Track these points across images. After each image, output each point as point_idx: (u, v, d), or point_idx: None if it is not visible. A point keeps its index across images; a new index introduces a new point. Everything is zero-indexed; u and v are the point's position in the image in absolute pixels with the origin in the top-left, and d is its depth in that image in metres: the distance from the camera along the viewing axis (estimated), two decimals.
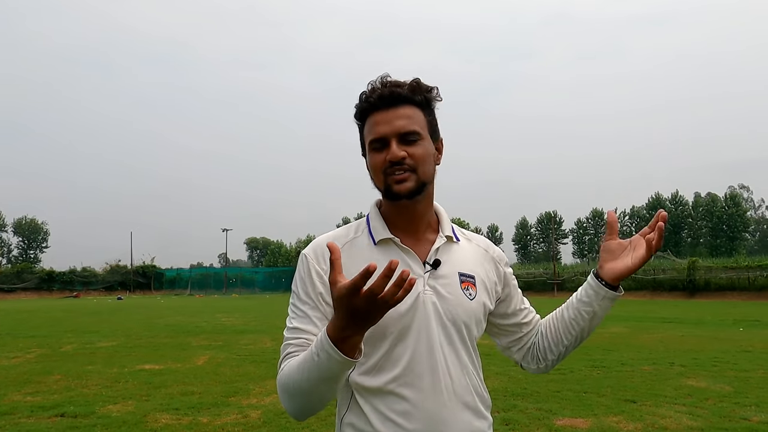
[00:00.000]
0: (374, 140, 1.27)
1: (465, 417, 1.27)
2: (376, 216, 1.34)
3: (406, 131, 1.25)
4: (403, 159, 1.24)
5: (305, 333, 1.24)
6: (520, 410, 5.60)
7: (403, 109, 1.27)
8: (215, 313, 21.64)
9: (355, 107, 1.31)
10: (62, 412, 5.68)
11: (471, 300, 1.31)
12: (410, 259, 1.30)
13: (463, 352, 1.30)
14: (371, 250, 1.30)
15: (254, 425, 5.22)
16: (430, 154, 1.30)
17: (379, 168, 1.27)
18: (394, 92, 1.26)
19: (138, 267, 57.63)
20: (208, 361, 8.99)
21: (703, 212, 73.82)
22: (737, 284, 34.13)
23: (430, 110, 1.31)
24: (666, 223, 1.30)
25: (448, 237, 1.35)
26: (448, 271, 1.31)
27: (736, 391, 6.42)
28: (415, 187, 1.26)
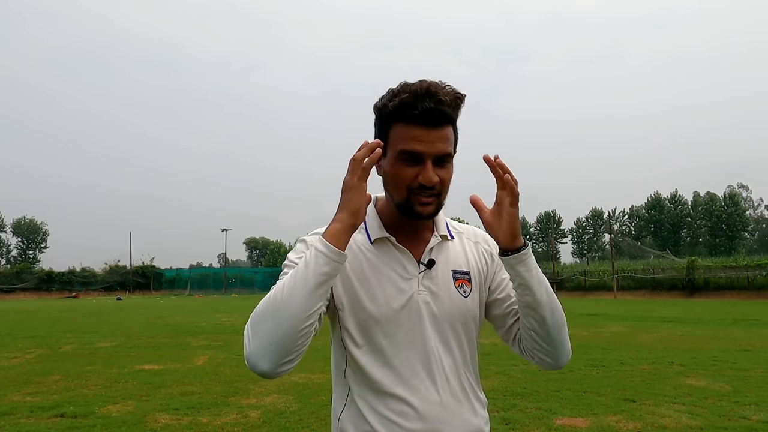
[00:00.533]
0: (408, 153, 1.21)
1: (462, 416, 1.27)
2: (373, 214, 1.34)
3: (443, 153, 1.22)
4: (435, 185, 1.22)
5: None
6: (520, 409, 5.61)
7: (446, 129, 1.22)
8: (215, 313, 21.63)
9: (388, 106, 1.23)
10: (62, 413, 5.68)
11: (465, 297, 1.31)
12: (405, 258, 1.30)
13: (457, 351, 1.30)
14: (367, 249, 1.30)
15: (254, 425, 5.22)
16: (451, 175, 1.27)
17: (405, 183, 1.22)
18: (442, 112, 1.20)
19: (137, 267, 57.64)
20: (208, 361, 9.00)
21: (702, 212, 73.85)
22: (736, 283, 34.20)
23: (456, 129, 1.28)
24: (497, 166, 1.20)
25: (443, 236, 1.35)
26: (442, 270, 1.31)
27: (736, 390, 6.43)
28: (434, 210, 1.26)
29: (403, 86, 1.22)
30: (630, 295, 37.05)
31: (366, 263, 1.29)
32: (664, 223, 74.19)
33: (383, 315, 1.25)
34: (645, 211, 76.77)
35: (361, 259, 1.30)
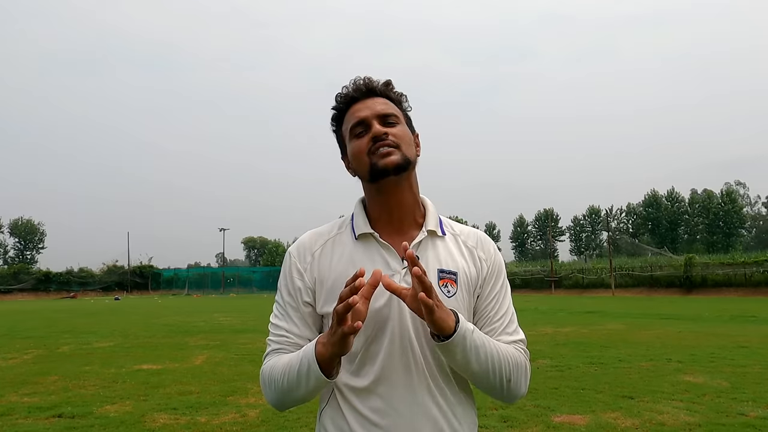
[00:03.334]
0: (356, 124, 1.29)
1: (438, 415, 1.25)
2: (359, 212, 1.34)
3: (385, 113, 1.30)
4: (385, 135, 1.26)
5: (285, 331, 1.31)
6: (518, 407, 5.61)
7: (380, 98, 1.32)
8: (213, 312, 21.60)
9: (333, 109, 1.36)
10: (60, 413, 5.66)
11: (448, 297, 1.28)
12: (388, 254, 1.29)
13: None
14: (352, 246, 1.31)
15: (252, 424, 5.22)
16: (410, 137, 1.32)
17: (363, 150, 1.27)
18: (369, 84, 1.32)
19: (135, 267, 57.57)
20: (206, 361, 8.98)
21: (699, 209, 73.99)
22: (734, 280, 34.28)
23: (403, 109, 1.36)
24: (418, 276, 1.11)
25: (432, 231, 1.32)
26: (426, 267, 1.26)
27: (733, 386, 6.44)
28: (401, 160, 1.25)
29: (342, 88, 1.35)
30: (628, 293, 37.11)
31: (349, 261, 1.29)
32: (662, 220, 74.28)
33: (369, 315, 1.24)
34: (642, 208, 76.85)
35: (344, 258, 1.30)
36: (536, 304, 24.09)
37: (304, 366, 1.18)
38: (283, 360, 1.25)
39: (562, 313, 19.02)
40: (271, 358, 1.29)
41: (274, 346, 1.30)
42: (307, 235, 1.37)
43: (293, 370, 1.20)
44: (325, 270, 1.30)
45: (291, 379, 1.21)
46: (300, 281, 1.31)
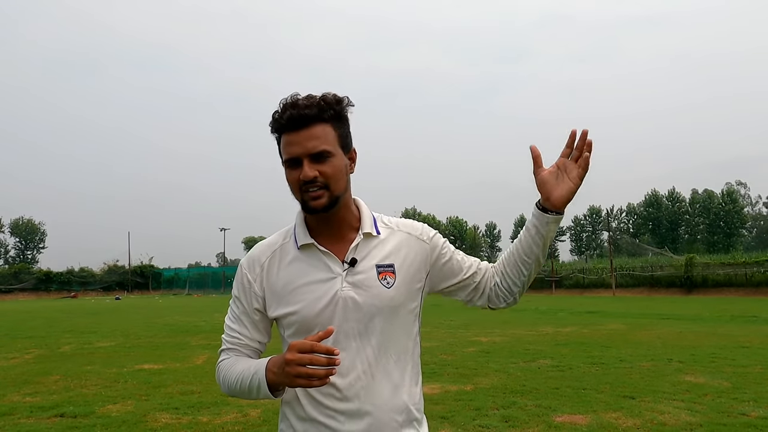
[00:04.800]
0: (288, 160, 1.38)
1: (384, 396, 1.39)
2: (300, 223, 1.48)
3: (316, 152, 1.35)
4: (315, 178, 1.35)
5: (237, 333, 1.48)
6: (520, 407, 5.62)
7: (313, 129, 1.35)
8: (214, 312, 21.62)
9: (269, 125, 1.41)
10: (62, 413, 5.68)
11: (388, 288, 1.42)
12: (329, 260, 1.42)
13: (390, 339, 1.42)
14: (295, 255, 1.45)
15: (254, 424, 5.23)
16: (341, 169, 1.39)
17: (295, 185, 1.39)
18: (302, 114, 1.35)
19: (136, 267, 57.56)
20: (208, 361, 8.99)
21: (700, 209, 73.88)
22: (734, 280, 34.24)
23: (341, 123, 1.40)
24: (586, 143, 1.42)
25: (367, 233, 1.45)
26: (365, 266, 1.42)
27: (734, 386, 6.45)
28: (328, 202, 1.38)
29: (279, 105, 1.39)
30: (628, 293, 37.09)
31: (294, 271, 1.44)
32: (662, 220, 74.19)
33: (312, 315, 1.39)
34: (643, 208, 76.75)
35: (290, 267, 1.44)
36: (537, 304, 24.09)
37: (255, 382, 1.36)
38: (237, 367, 1.42)
39: (562, 313, 19.02)
40: (226, 356, 1.48)
41: (228, 345, 1.49)
42: (257, 248, 1.51)
43: (245, 381, 1.38)
44: (273, 279, 1.45)
45: (243, 388, 1.40)
46: (250, 290, 1.47)
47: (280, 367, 1.28)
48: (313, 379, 1.25)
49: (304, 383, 1.26)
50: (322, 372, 1.24)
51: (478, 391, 6.31)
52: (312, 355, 1.24)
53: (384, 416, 1.38)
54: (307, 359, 1.24)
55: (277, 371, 1.30)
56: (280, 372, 1.29)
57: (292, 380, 1.26)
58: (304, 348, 1.24)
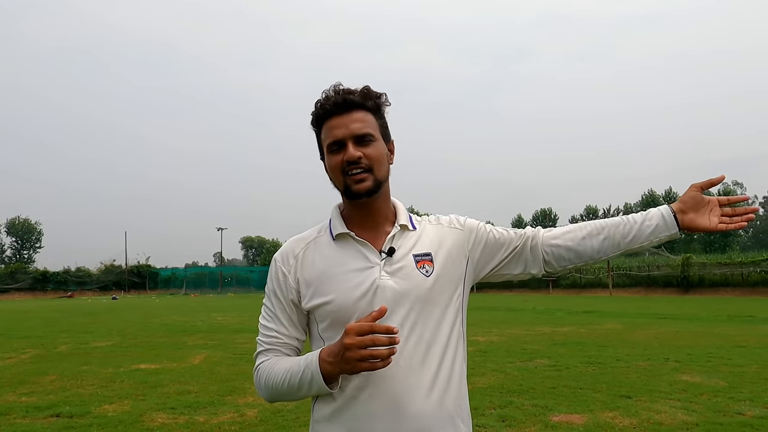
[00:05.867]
0: (332, 143, 1.37)
1: (427, 394, 1.33)
2: (336, 216, 1.46)
3: (360, 133, 1.35)
4: (359, 159, 1.34)
5: (274, 332, 1.42)
6: (516, 407, 5.62)
7: (356, 114, 1.37)
8: (211, 312, 21.59)
9: (311, 115, 1.41)
10: (58, 413, 5.66)
11: (427, 276, 1.38)
12: (366, 249, 1.39)
13: (426, 330, 1.36)
14: (330, 245, 1.42)
15: (251, 423, 5.22)
16: (384, 155, 1.40)
17: (338, 168, 1.37)
18: (347, 99, 1.36)
19: (133, 267, 57.42)
20: (204, 360, 8.98)
21: None
22: (731, 280, 34.33)
23: (381, 115, 1.42)
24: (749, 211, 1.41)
25: (403, 225, 1.43)
26: (402, 255, 1.40)
27: (731, 386, 6.46)
28: (372, 186, 1.36)
29: (321, 95, 1.40)
30: (625, 293, 37.16)
31: (330, 260, 1.40)
32: None
33: (349, 304, 1.34)
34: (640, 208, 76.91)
35: (325, 257, 1.41)
36: (534, 303, 24.12)
37: (306, 377, 1.30)
38: (282, 365, 1.36)
39: (559, 312, 19.05)
40: (265, 357, 1.41)
41: (265, 347, 1.42)
42: (290, 242, 1.48)
43: (294, 377, 1.32)
44: (307, 270, 1.41)
45: (291, 386, 1.33)
46: (286, 283, 1.42)
47: (337, 355, 1.23)
48: (376, 360, 1.20)
49: (367, 366, 1.21)
50: (385, 352, 1.20)
51: (475, 391, 6.31)
52: (373, 335, 1.20)
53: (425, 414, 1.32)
54: (368, 340, 1.19)
55: (334, 360, 1.24)
56: (337, 360, 1.23)
57: (355, 365, 1.21)
58: (362, 330, 1.20)
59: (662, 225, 1.45)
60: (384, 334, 1.20)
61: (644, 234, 1.46)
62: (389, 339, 1.21)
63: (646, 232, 1.46)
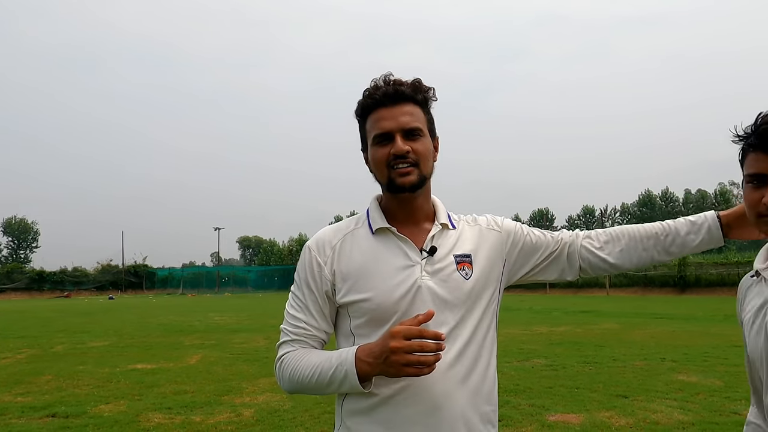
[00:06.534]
0: (379, 135, 1.33)
1: (463, 398, 1.30)
2: (375, 208, 1.41)
3: (410, 127, 1.32)
4: (407, 153, 1.31)
5: (303, 323, 1.36)
6: (513, 406, 5.62)
7: (406, 107, 1.33)
8: (208, 312, 21.56)
9: (359, 103, 1.37)
10: (53, 413, 5.64)
11: (467, 279, 1.36)
12: (407, 246, 1.35)
13: (464, 334, 1.33)
14: (369, 240, 1.37)
15: (247, 423, 5.21)
16: (430, 151, 1.38)
17: (383, 161, 1.33)
18: (398, 90, 1.32)
19: (130, 266, 57.26)
20: (201, 360, 8.96)
21: (693, 209, 74.25)
22: (727, 280, 34.39)
23: (428, 109, 1.39)
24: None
25: (444, 224, 1.40)
26: (443, 255, 1.36)
27: (727, 385, 6.48)
28: (417, 180, 1.33)
29: (370, 84, 1.36)
30: (622, 292, 37.24)
31: (369, 255, 1.35)
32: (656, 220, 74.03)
33: (390, 303, 1.31)
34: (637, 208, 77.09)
35: (364, 251, 1.36)
36: (531, 303, 24.13)
37: (339, 374, 1.25)
38: (311, 359, 1.32)
39: (556, 312, 19.07)
40: (291, 348, 1.36)
41: (291, 337, 1.36)
42: (326, 231, 1.42)
43: (325, 373, 1.27)
44: (344, 262, 1.35)
45: (321, 381, 1.28)
46: (321, 274, 1.36)
47: (378, 357, 1.19)
48: (422, 367, 1.17)
49: (413, 372, 1.17)
50: (432, 358, 1.17)
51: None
52: (422, 341, 1.16)
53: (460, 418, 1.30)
54: (417, 345, 1.16)
55: (374, 361, 1.20)
56: (378, 362, 1.19)
57: (399, 369, 1.17)
58: (411, 334, 1.16)
59: (707, 239, 1.45)
60: (432, 339, 1.17)
61: (688, 246, 1.47)
62: (437, 345, 1.17)
63: (690, 245, 1.46)
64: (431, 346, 1.16)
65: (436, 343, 1.17)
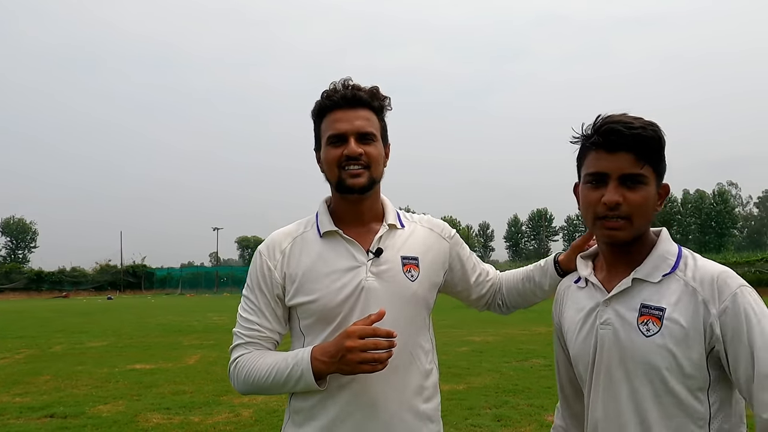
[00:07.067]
0: (333, 135, 1.37)
1: (400, 396, 1.36)
2: (324, 211, 1.46)
3: (365, 131, 1.37)
4: (360, 156, 1.36)
5: (257, 325, 1.41)
6: (512, 406, 5.62)
7: (362, 112, 1.38)
8: (206, 312, 21.56)
9: (316, 104, 1.42)
10: (52, 413, 5.64)
11: (412, 281, 1.41)
12: (353, 248, 1.40)
13: (407, 333, 1.38)
14: (317, 242, 1.42)
15: (246, 423, 5.21)
16: (382, 156, 1.43)
17: (334, 161, 1.38)
18: (356, 95, 1.38)
19: (128, 266, 57.23)
20: (200, 360, 8.95)
21: (691, 209, 74.34)
22: None
23: (383, 117, 1.44)
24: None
25: (392, 225, 1.44)
26: (390, 256, 1.40)
27: None
28: (367, 183, 1.38)
29: (329, 86, 1.41)
30: None
31: (317, 257, 1.40)
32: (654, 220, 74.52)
33: (335, 304, 1.36)
34: None
35: (312, 254, 1.41)
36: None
37: (295, 374, 1.30)
38: (266, 360, 1.35)
39: None
40: (245, 350, 1.40)
41: (245, 339, 1.41)
42: (276, 234, 1.47)
43: (281, 373, 1.32)
44: (293, 265, 1.40)
45: (277, 381, 1.32)
46: (271, 278, 1.41)
47: (333, 356, 1.25)
48: (377, 363, 1.23)
49: (368, 369, 1.23)
50: (385, 355, 1.23)
51: (470, 391, 6.32)
52: (376, 339, 1.22)
53: (399, 413, 1.37)
54: (371, 344, 1.22)
55: (330, 360, 1.26)
56: (334, 361, 1.25)
57: (355, 367, 1.23)
58: (365, 333, 1.22)
59: (551, 275, 1.55)
60: (384, 338, 1.23)
61: (543, 289, 1.56)
62: (389, 343, 1.24)
63: (544, 286, 1.55)
64: (384, 344, 1.23)
65: (389, 341, 1.24)
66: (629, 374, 1.19)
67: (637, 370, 1.18)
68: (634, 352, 1.18)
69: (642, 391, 1.17)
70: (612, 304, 1.24)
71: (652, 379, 1.16)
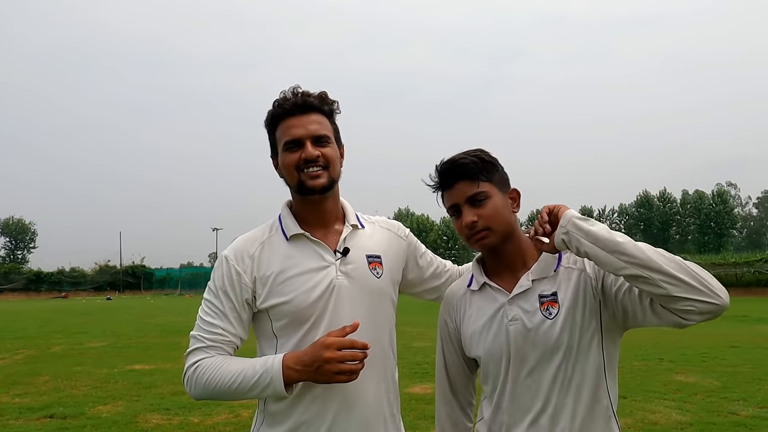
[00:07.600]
0: (290, 141, 1.43)
1: (371, 390, 1.41)
2: (287, 214, 1.49)
3: (319, 134, 1.43)
4: (317, 158, 1.41)
5: (220, 329, 1.41)
6: None
7: (314, 116, 1.44)
8: None
9: (268, 113, 1.47)
10: (51, 414, 5.63)
11: (378, 278, 1.47)
12: (321, 249, 1.44)
13: (375, 329, 1.44)
14: (285, 246, 1.45)
15: (245, 424, 5.20)
16: (338, 156, 1.48)
17: (293, 166, 1.42)
18: (306, 101, 1.43)
19: (127, 267, 57.21)
20: None
21: (691, 209, 74.36)
22: (725, 280, 34.26)
23: (334, 120, 1.49)
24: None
25: (354, 225, 1.50)
26: (356, 255, 1.46)
27: (724, 385, 6.49)
28: (327, 183, 1.43)
29: (279, 96, 1.47)
30: None
31: (287, 260, 1.43)
32: (654, 221, 74.63)
33: (308, 304, 1.39)
34: (635, 209, 77.16)
35: (281, 256, 1.44)
36: None
37: (264, 381, 1.32)
38: (232, 366, 1.36)
39: None
40: (205, 354, 1.39)
41: (206, 343, 1.40)
42: (242, 240, 1.49)
43: (248, 379, 1.33)
44: (264, 269, 1.43)
45: (242, 387, 1.33)
46: (240, 282, 1.43)
47: (309, 365, 1.28)
48: (352, 374, 1.27)
49: (344, 379, 1.27)
50: (360, 366, 1.28)
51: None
52: (353, 351, 1.27)
53: (372, 407, 1.41)
54: (349, 356, 1.27)
55: (304, 369, 1.29)
56: (309, 370, 1.28)
57: (331, 377, 1.27)
58: (343, 345, 1.27)
59: None
60: (360, 350, 1.29)
61: None
62: (363, 354, 1.29)
63: None
64: (360, 356, 1.28)
65: (363, 353, 1.29)
66: (545, 356, 1.35)
67: (551, 351, 1.35)
68: (545, 334, 1.35)
69: (555, 369, 1.35)
70: (515, 302, 1.40)
71: (563, 355, 1.35)
